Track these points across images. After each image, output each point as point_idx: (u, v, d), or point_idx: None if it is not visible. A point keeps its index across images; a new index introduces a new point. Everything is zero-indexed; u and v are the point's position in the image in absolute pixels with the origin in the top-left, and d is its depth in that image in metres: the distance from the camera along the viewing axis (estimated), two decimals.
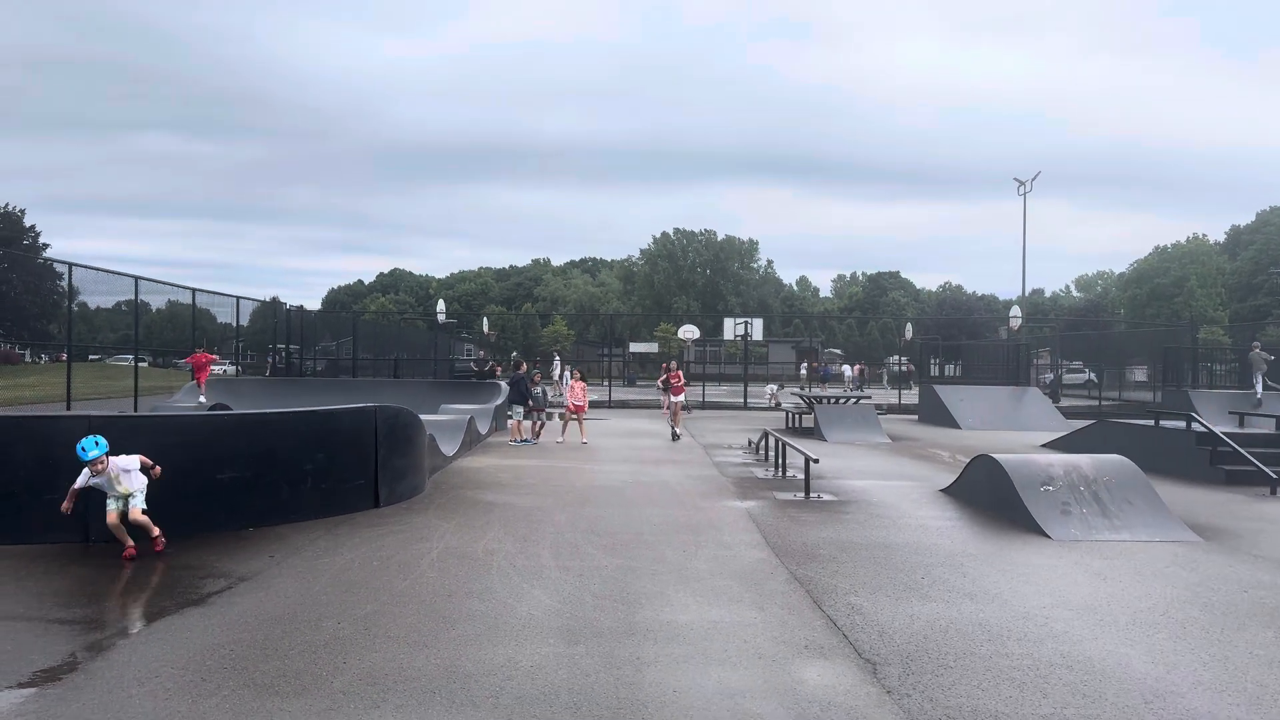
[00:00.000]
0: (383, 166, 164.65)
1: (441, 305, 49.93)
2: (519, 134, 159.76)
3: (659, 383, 21.45)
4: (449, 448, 14.36)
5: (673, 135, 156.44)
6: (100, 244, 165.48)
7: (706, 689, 4.80)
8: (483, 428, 18.40)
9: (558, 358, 41.41)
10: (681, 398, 21.09)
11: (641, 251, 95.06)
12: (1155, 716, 4.50)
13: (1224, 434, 13.63)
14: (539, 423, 19.09)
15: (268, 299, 28.98)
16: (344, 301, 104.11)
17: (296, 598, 6.48)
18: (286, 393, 21.52)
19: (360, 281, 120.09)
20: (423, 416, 12.03)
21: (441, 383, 27.69)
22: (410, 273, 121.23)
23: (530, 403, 18.64)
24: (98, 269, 20.28)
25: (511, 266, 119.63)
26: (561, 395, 22.58)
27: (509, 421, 18.70)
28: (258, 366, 36.08)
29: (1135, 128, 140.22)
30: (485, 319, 64.88)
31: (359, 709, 4.48)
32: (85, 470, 7.40)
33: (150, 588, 6.79)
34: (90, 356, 30.58)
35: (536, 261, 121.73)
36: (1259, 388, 24.91)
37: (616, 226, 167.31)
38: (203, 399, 20.16)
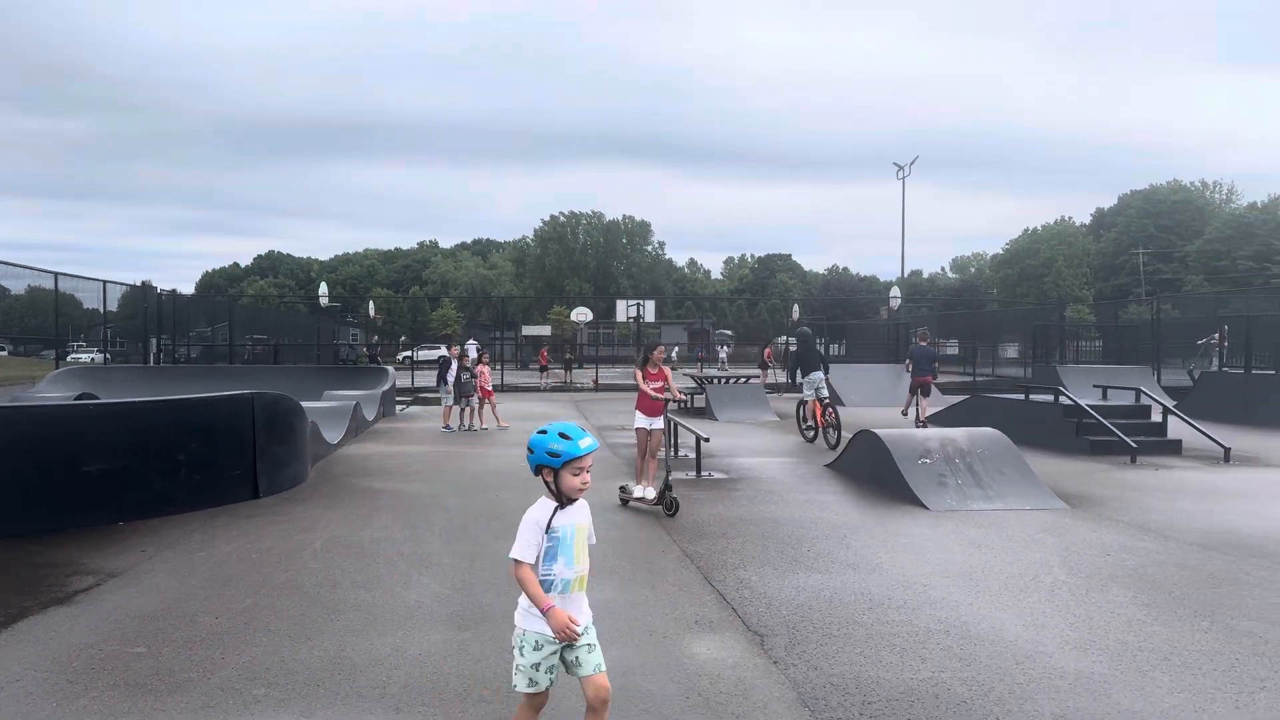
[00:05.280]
0: (239, 143, 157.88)
1: (324, 288, 48.54)
2: (376, 110, 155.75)
3: (639, 376, 10.26)
4: (333, 435, 13.99)
5: (543, 115, 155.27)
6: None
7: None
8: (369, 414, 17.99)
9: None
10: (657, 421, 10.06)
11: (535, 232, 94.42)
12: (1025, 675, 4.72)
13: (1088, 406, 14.38)
14: (467, 409, 18.27)
15: (138, 283, 27.49)
16: (220, 285, 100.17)
17: (171, 593, 6.22)
18: (160, 381, 20.57)
19: (236, 264, 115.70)
20: (306, 403, 11.69)
21: (325, 368, 26.94)
22: (290, 255, 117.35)
23: (449, 387, 18.09)
24: None
25: (397, 249, 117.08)
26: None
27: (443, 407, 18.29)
28: (129, 354, 34.40)
29: (1001, 112, 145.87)
30: (371, 302, 63.40)
31: (238, 705, 4.32)
32: None
33: (10, 587, 6.40)
34: None
35: (424, 244, 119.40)
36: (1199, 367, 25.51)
37: (504, 207, 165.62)
38: None
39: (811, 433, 15.48)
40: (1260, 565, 7.07)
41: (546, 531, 3.41)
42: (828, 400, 15.11)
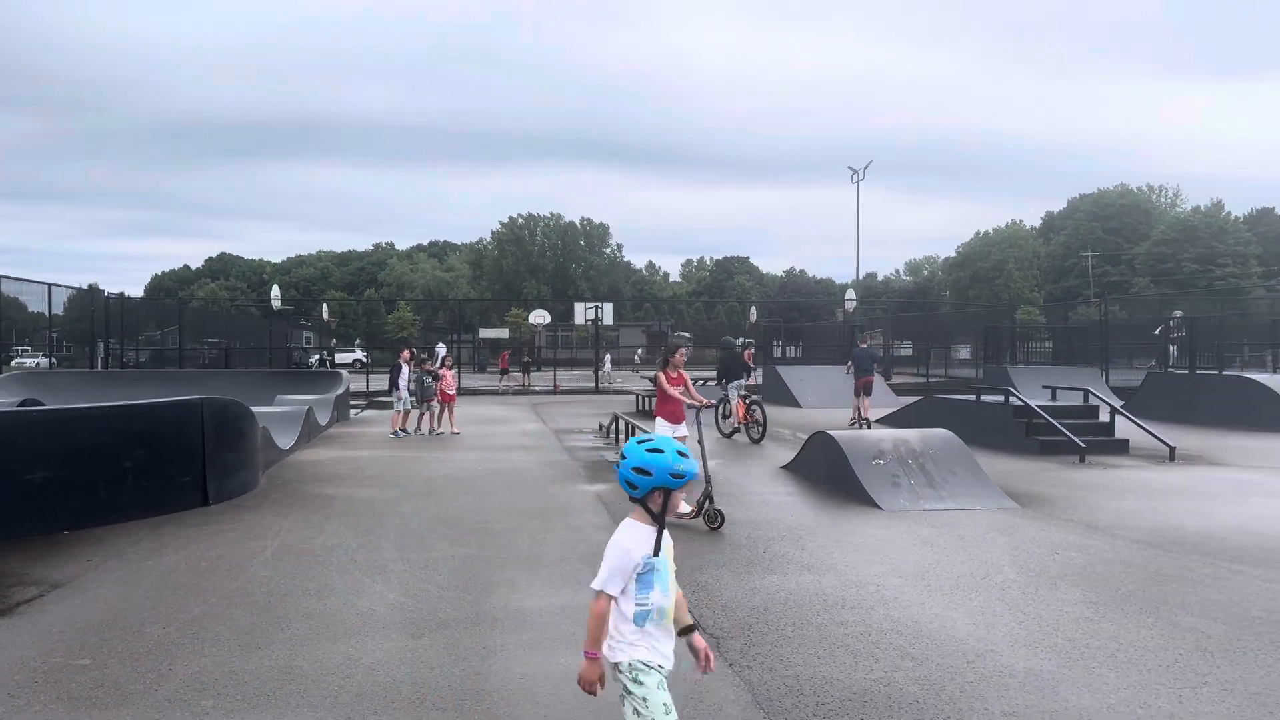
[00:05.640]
0: (188, 144, 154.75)
1: (276, 291, 47.84)
2: (330, 110, 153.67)
3: (661, 380, 9.58)
4: (285, 440, 13.80)
5: (499, 116, 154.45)
6: None
7: (554, 674, 4.79)
8: (323, 418, 17.77)
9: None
10: (682, 429, 9.73)
11: (492, 234, 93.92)
12: (975, 674, 4.78)
13: (1038, 407, 14.63)
14: (425, 414, 18.00)
15: (84, 286, 26.90)
16: (170, 288, 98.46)
17: (117, 603, 6.09)
18: (108, 386, 20.15)
19: (187, 267, 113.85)
20: (257, 408, 11.52)
21: (278, 372, 26.57)
22: (241, 257, 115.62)
23: (400, 393, 17.81)
24: None
25: (352, 251, 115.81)
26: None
27: (411, 413, 17.95)
28: (75, 359, 33.63)
29: (952, 117, 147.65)
30: (325, 305, 62.62)
31: (186, 717, 4.24)
32: None
33: None
34: None
35: (380, 246, 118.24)
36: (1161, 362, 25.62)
37: (461, 209, 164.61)
38: None
39: (730, 429, 16.90)
40: (1204, 562, 7.23)
41: (640, 560, 3.07)
42: (751, 400, 16.77)
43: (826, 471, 10.87)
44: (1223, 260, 66.90)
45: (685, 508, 8.44)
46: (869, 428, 17.48)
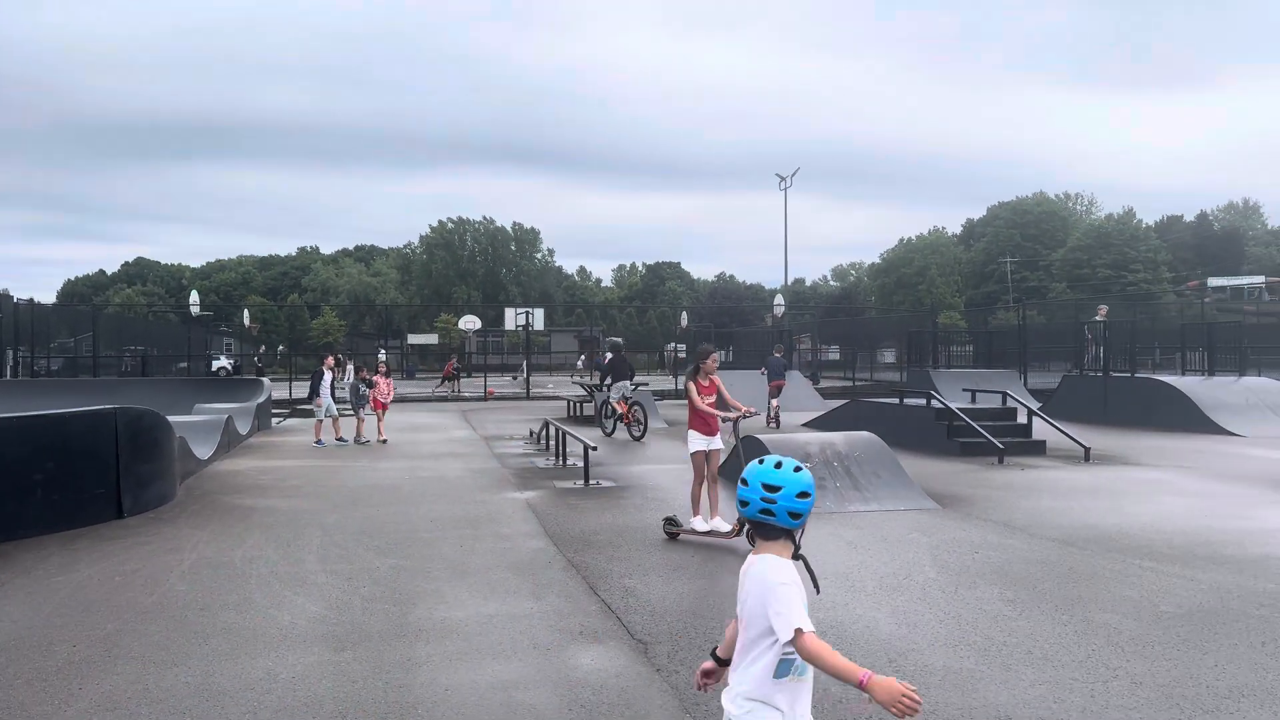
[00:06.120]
0: (101, 145, 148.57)
1: (195, 297, 46.42)
2: (249, 111, 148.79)
3: (691, 389, 8.57)
4: (204, 450, 13.42)
5: (427, 119, 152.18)
6: None
7: (480, 684, 4.74)
8: (243, 428, 17.34)
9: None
10: (716, 441, 8.78)
11: (421, 239, 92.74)
12: (898, 673, 4.86)
13: (958, 409, 14.98)
14: (359, 421, 17.54)
15: None
16: (84, 294, 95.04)
17: (24, 622, 5.85)
18: (17, 396, 19.39)
19: (102, 272, 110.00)
20: (175, 417, 11.21)
21: (197, 380, 25.90)
22: (159, 262, 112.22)
23: (320, 400, 17.33)
24: None
25: (274, 255, 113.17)
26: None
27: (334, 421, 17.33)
28: None
29: (878, 125, 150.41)
30: (246, 311, 61.17)
31: None
32: None
33: None
34: None
35: (304, 250, 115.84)
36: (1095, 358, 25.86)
37: (389, 213, 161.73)
38: None
39: (611, 427, 18.29)
40: (1116, 560, 7.48)
41: None
42: (633, 400, 18.14)
43: None
44: (1135, 266, 69.35)
45: (725, 526, 8.20)
46: (777, 426, 19.92)
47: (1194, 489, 11.05)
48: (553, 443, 14.93)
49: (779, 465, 2.75)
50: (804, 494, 2.72)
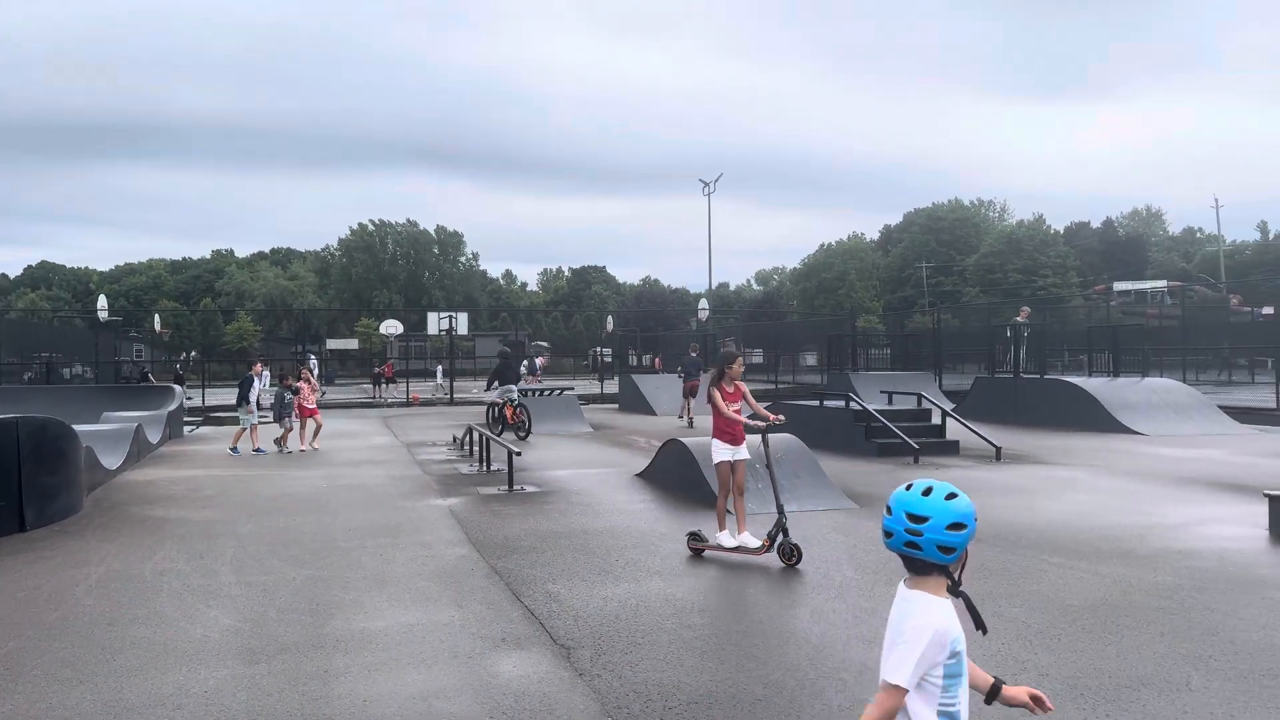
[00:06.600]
0: None
1: (103, 301, 44.83)
2: (158, 110, 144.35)
3: (715, 396, 7.95)
4: (112, 460, 12.98)
5: (346, 119, 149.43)
6: None
7: (400, 694, 4.69)
8: (154, 436, 16.81)
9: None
10: (741, 451, 8.05)
11: (340, 241, 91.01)
12: (816, 671, 4.96)
13: (875, 411, 15.30)
14: (286, 430, 17.05)
15: None
16: None
17: None
18: None
19: (5, 276, 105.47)
20: (81, 427, 10.82)
21: (105, 388, 25.02)
22: (64, 266, 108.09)
23: (250, 407, 16.78)
24: None
25: (187, 258, 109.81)
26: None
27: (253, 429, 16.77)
28: None
29: (797, 132, 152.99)
30: (157, 316, 59.31)
31: None
32: None
33: None
34: None
35: (218, 253, 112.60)
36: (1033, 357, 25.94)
37: (306, 215, 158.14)
38: None
39: (499, 428, 18.87)
40: (1026, 555, 7.73)
41: (952, 647, 2.35)
42: (517, 402, 19.17)
43: (679, 478, 11.04)
44: (1044, 271, 71.71)
45: (754, 542, 7.65)
46: (691, 426, 20.34)
47: (1100, 486, 11.47)
48: (476, 448, 14.81)
49: (927, 492, 2.42)
50: (957, 525, 2.38)
